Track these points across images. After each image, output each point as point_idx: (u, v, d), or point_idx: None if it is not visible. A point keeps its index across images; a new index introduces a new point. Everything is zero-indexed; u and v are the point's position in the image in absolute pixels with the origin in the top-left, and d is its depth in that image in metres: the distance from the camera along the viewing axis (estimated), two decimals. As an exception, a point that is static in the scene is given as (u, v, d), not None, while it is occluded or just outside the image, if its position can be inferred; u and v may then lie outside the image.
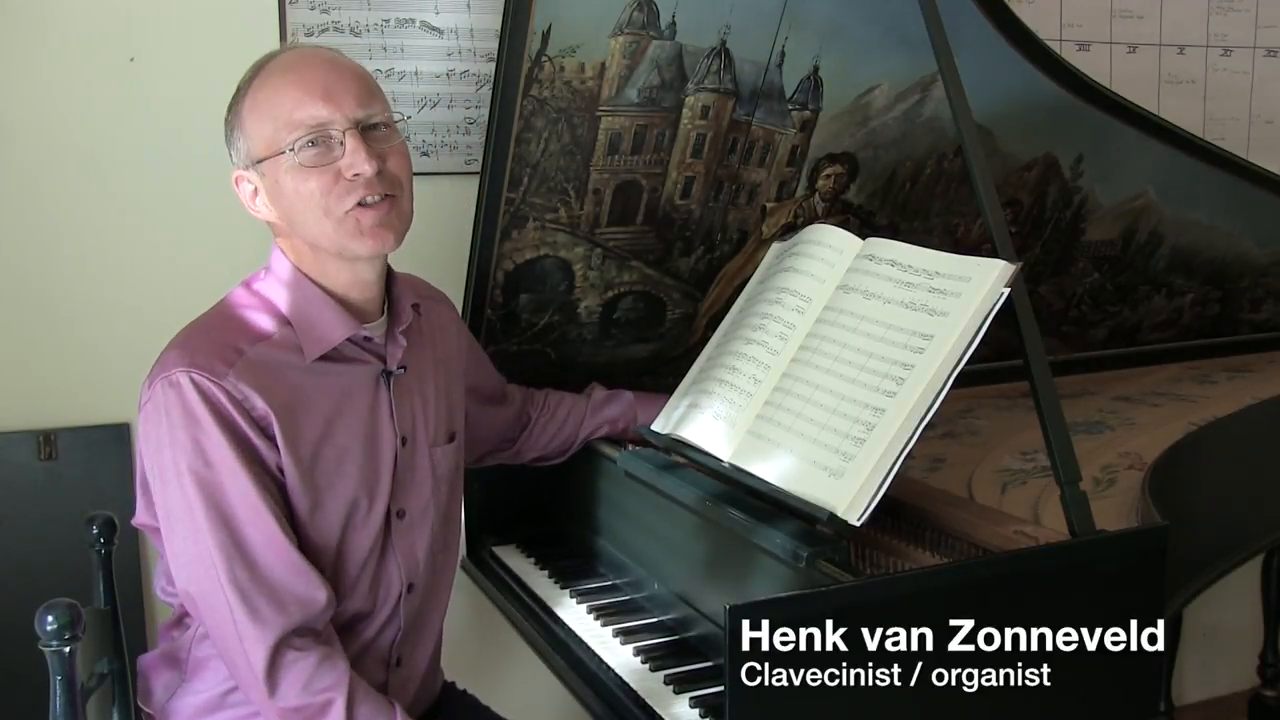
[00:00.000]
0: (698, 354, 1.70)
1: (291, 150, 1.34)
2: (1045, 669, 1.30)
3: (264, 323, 1.40)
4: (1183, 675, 2.93)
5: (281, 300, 1.41)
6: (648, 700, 1.40)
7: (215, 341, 1.36)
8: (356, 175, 1.35)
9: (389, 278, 1.50)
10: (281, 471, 1.36)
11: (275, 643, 1.31)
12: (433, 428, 1.53)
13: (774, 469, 1.40)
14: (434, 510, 1.52)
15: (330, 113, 1.35)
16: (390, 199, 1.39)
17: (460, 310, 1.86)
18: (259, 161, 1.38)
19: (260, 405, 1.34)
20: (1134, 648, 1.35)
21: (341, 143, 1.35)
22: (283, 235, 1.44)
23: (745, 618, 1.14)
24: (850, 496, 1.29)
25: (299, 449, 1.37)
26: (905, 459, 1.29)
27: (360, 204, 1.36)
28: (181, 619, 1.49)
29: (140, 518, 1.44)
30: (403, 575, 1.48)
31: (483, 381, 1.76)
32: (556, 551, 1.89)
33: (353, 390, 1.43)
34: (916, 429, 1.29)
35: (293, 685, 1.31)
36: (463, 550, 2.01)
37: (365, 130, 1.37)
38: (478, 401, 1.74)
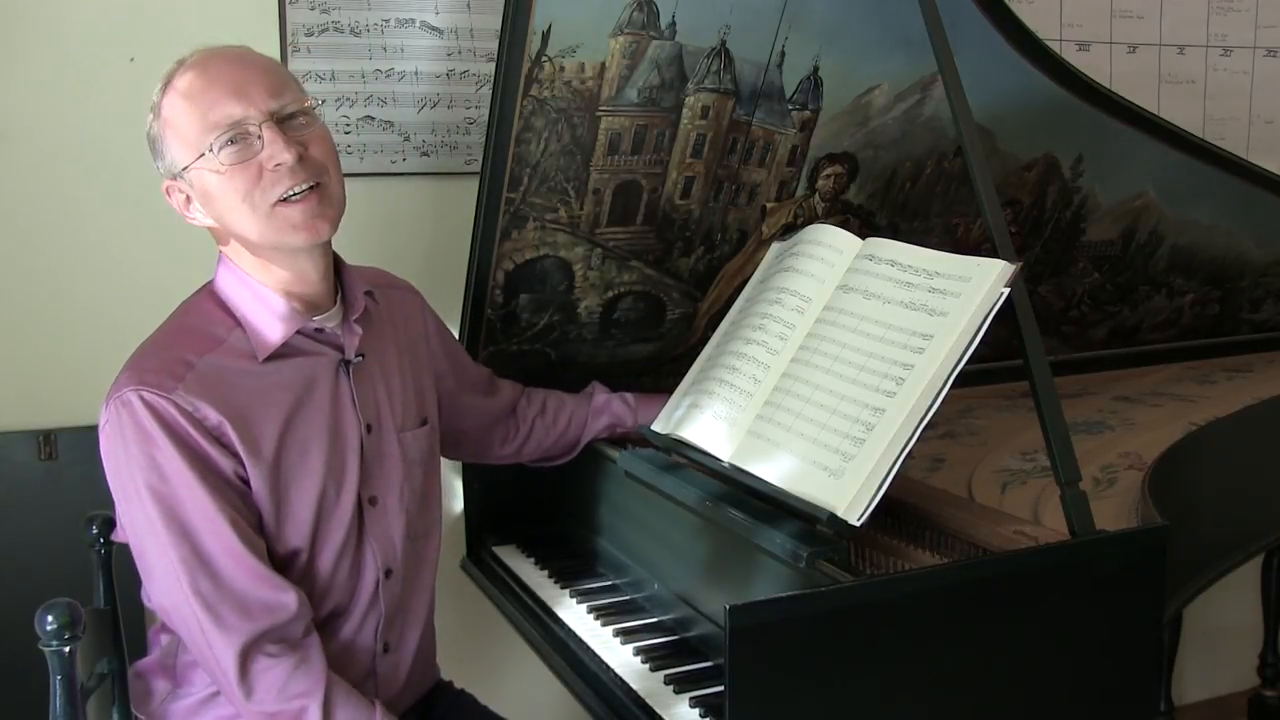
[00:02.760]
0: (698, 354, 1.70)
1: (211, 151, 1.34)
2: (1045, 669, 1.30)
3: (214, 330, 1.41)
4: (1183, 675, 2.93)
5: (231, 303, 1.43)
6: (648, 700, 1.40)
7: (164, 358, 1.37)
8: (279, 165, 1.35)
9: (338, 268, 1.51)
10: (242, 478, 1.37)
11: (242, 648, 1.32)
12: (400, 412, 1.54)
13: (774, 469, 1.40)
14: (408, 494, 1.53)
15: (244, 109, 1.34)
16: (317, 187, 1.38)
17: (460, 310, 1.86)
18: (184, 169, 1.38)
19: (213, 415, 1.34)
20: (1133, 649, 1.35)
21: (260, 136, 1.35)
22: (223, 240, 1.45)
23: (745, 618, 1.14)
24: (850, 496, 1.29)
25: (260, 449, 1.37)
26: (905, 459, 1.29)
27: (286, 199, 1.36)
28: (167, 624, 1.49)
29: (120, 534, 1.45)
30: (379, 561, 1.49)
31: (458, 368, 1.75)
32: (556, 551, 1.89)
33: (311, 383, 1.44)
34: (916, 429, 1.29)
35: (268, 690, 1.33)
36: (463, 550, 2.02)
37: (282, 121, 1.37)
38: (459, 388, 1.73)
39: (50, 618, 1.27)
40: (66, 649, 1.27)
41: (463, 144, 2.13)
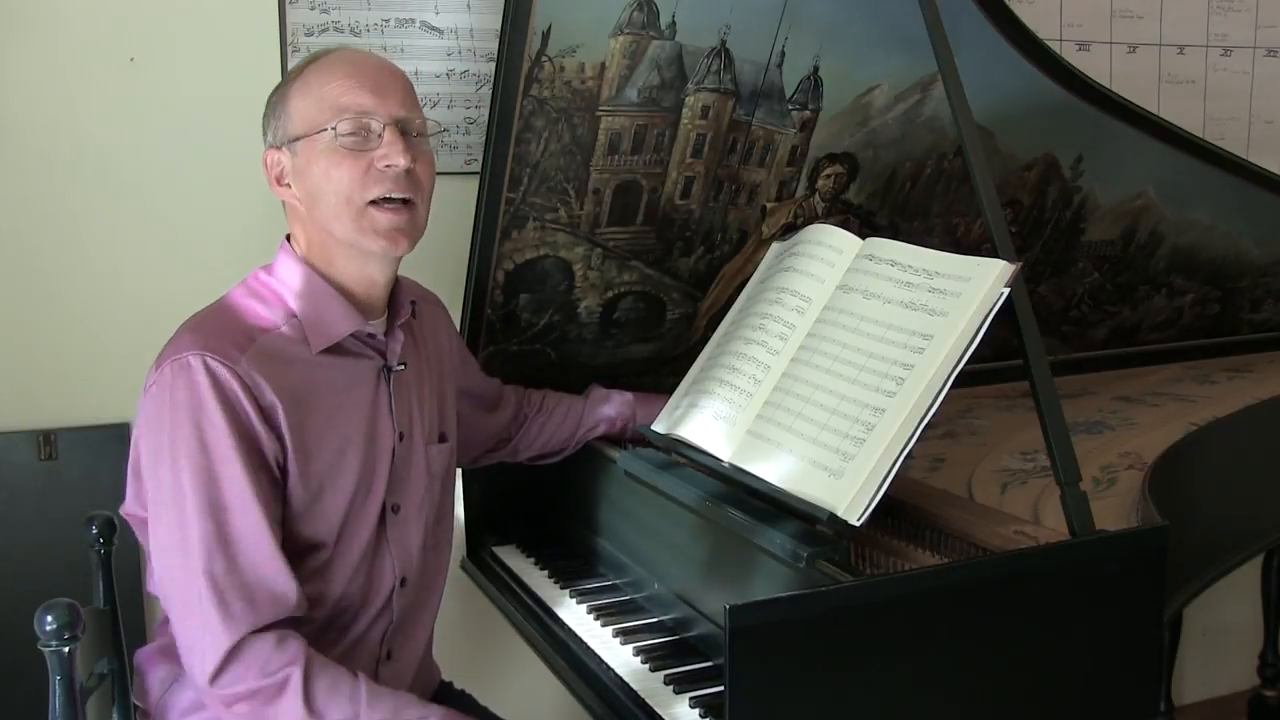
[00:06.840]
0: (698, 354, 1.70)
1: (332, 129, 1.37)
2: (1045, 669, 1.30)
3: (270, 315, 1.41)
4: (1183, 675, 2.93)
5: (288, 292, 1.43)
6: (648, 700, 1.40)
7: (228, 326, 1.38)
8: (389, 166, 1.38)
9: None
10: (281, 465, 1.37)
11: (239, 641, 1.29)
12: (428, 426, 1.55)
13: (774, 469, 1.40)
14: (428, 506, 1.55)
15: (375, 104, 1.39)
16: (409, 204, 1.41)
17: (460, 310, 1.86)
18: (295, 140, 1.40)
19: (269, 394, 1.35)
20: (1134, 649, 1.35)
21: (380, 135, 1.39)
22: (298, 220, 1.45)
23: (745, 618, 1.14)
24: (850, 496, 1.29)
25: (304, 438, 1.38)
26: (905, 459, 1.29)
27: (381, 200, 1.39)
28: None
29: (129, 506, 1.44)
30: (396, 568, 1.50)
31: (475, 385, 1.77)
32: (556, 551, 1.89)
33: (355, 384, 1.45)
34: (916, 429, 1.29)
35: (249, 669, 1.29)
36: (463, 550, 2.02)
37: (404, 132, 1.41)
38: (473, 406, 1.75)
39: (50, 618, 1.27)
40: (66, 649, 1.27)
41: (463, 144, 2.13)
